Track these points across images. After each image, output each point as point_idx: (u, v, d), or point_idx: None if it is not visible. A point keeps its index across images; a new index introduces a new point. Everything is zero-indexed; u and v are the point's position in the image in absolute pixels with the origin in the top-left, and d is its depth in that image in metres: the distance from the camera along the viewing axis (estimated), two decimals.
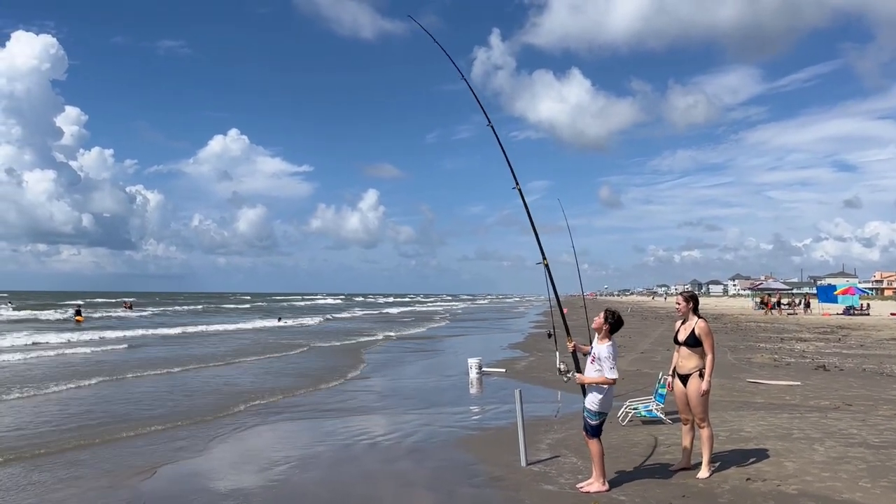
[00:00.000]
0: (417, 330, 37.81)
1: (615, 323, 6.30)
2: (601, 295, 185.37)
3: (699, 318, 6.72)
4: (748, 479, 6.56)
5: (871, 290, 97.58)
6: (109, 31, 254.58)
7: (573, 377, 6.50)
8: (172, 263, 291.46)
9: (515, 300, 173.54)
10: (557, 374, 6.68)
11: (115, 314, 53.99)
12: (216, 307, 75.67)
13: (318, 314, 56.61)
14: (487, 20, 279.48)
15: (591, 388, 6.30)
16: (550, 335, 7.19)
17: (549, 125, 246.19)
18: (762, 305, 54.11)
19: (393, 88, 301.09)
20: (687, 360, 6.70)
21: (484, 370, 16.14)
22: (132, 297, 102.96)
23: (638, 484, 6.59)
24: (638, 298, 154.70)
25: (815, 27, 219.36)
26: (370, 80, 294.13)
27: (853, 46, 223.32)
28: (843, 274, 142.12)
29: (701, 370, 6.61)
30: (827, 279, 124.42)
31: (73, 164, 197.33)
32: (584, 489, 6.44)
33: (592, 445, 6.38)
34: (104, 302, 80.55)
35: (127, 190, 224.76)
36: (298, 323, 43.41)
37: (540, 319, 48.96)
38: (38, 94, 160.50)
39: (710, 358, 6.59)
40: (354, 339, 29.70)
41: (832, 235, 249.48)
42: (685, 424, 6.93)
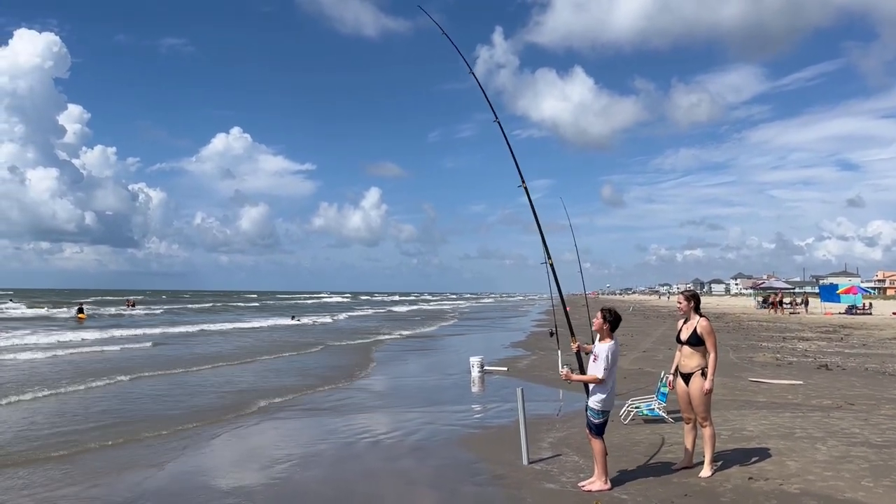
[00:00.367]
0: (430, 328, 37.90)
1: (614, 321, 6.34)
2: (603, 294, 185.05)
3: (701, 316, 6.73)
4: (750, 478, 6.56)
5: (873, 289, 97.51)
6: (112, 29, 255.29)
7: (560, 373, 6.54)
8: (175, 261, 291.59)
9: (518, 298, 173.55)
10: (559, 373, 6.69)
11: (125, 312, 53.97)
12: (224, 305, 75.77)
13: (327, 312, 56.71)
14: (490, 18, 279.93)
15: (594, 386, 6.33)
16: (552, 334, 7.19)
17: (551, 124, 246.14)
18: (766, 305, 53.99)
19: (395, 87, 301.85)
20: (689, 358, 6.70)
21: (486, 369, 16.15)
22: (135, 294, 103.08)
23: (640, 483, 6.60)
24: (640, 297, 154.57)
25: (818, 26, 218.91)
26: (372, 78, 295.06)
27: (856, 45, 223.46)
28: (845, 273, 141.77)
29: (703, 369, 6.61)
30: (829, 278, 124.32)
31: (75, 161, 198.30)
32: (585, 488, 6.45)
33: (595, 444, 6.40)
34: (108, 300, 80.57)
35: (129, 188, 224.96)
36: (312, 321, 43.48)
37: (542, 318, 48.93)
38: (40, 91, 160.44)
39: (712, 357, 6.60)
40: (372, 337, 29.78)
41: (835, 234, 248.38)
42: (687, 423, 6.93)
